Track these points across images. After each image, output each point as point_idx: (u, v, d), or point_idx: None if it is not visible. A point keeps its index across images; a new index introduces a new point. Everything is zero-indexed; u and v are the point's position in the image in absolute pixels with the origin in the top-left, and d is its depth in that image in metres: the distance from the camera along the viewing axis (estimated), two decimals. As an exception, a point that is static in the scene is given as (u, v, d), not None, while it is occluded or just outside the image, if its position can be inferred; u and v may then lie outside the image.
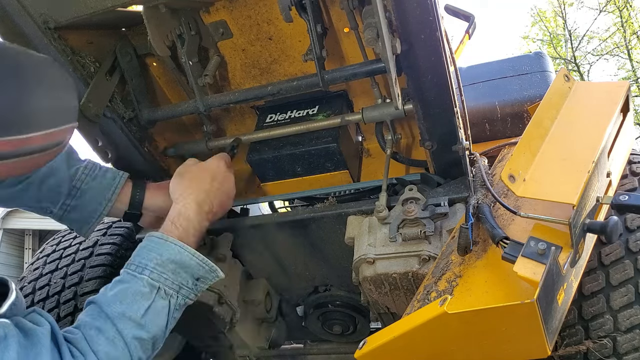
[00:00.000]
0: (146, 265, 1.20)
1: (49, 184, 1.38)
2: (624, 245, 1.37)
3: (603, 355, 1.26)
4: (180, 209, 1.32)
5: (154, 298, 1.17)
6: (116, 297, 1.14)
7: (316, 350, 2.10)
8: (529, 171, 1.20)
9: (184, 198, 1.35)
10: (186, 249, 1.25)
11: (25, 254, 10.44)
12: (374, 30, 1.20)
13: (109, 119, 1.50)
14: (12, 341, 0.88)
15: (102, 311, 1.12)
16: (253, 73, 1.65)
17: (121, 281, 1.18)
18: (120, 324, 1.10)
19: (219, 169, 1.45)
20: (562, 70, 1.52)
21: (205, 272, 1.27)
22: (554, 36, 17.66)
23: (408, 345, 1.15)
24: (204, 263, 1.27)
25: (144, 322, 1.13)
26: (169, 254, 1.22)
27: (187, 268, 1.24)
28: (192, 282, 1.25)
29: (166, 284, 1.20)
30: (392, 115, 1.50)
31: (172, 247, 1.23)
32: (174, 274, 1.22)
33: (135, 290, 1.16)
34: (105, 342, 1.07)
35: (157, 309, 1.17)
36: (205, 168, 1.44)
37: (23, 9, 1.27)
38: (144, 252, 1.23)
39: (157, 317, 1.17)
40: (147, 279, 1.18)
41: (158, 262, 1.20)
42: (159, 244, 1.24)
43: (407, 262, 1.35)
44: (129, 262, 1.23)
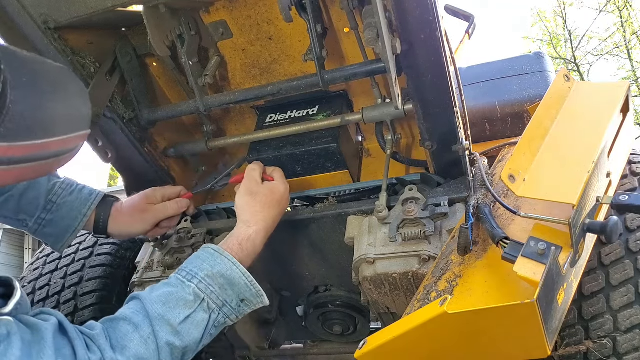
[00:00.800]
0: (196, 274, 1.20)
1: (28, 196, 1.40)
2: (624, 245, 1.37)
3: (603, 355, 1.26)
4: (251, 234, 1.33)
5: (196, 308, 1.16)
6: (160, 299, 1.14)
7: (316, 350, 2.11)
8: (529, 171, 1.20)
9: (256, 223, 1.35)
10: (238, 267, 1.24)
11: (25, 254, 10.44)
12: (374, 30, 1.20)
13: (109, 119, 1.50)
14: (15, 338, 0.88)
15: (144, 308, 1.12)
16: (253, 73, 1.65)
17: (168, 284, 1.18)
18: (157, 325, 1.10)
19: (285, 193, 1.46)
20: (562, 70, 1.52)
21: (251, 295, 1.26)
22: (554, 36, 17.66)
23: (408, 345, 1.15)
24: (252, 285, 1.25)
25: (180, 330, 1.12)
26: (220, 268, 1.22)
27: (234, 286, 1.23)
28: (236, 302, 1.24)
29: (211, 297, 1.19)
30: (392, 115, 1.50)
31: (225, 262, 1.23)
32: (221, 289, 1.21)
33: (180, 296, 1.15)
34: (139, 340, 1.07)
35: (196, 320, 1.16)
36: (276, 192, 1.43)
37: (23, 9, 1.27)
38: (197, 261, 1.23)
39: (195, 329, 1.16)
40: (194, 288, 1.17)
41: (208, 274, 1.20)
42: (213, 256, 1.24)
43: (407, 262, 1.35)
44: (181, 268, 1.23)
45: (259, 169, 1.47)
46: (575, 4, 16.95)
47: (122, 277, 2.01)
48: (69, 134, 0.98)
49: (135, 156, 1.61)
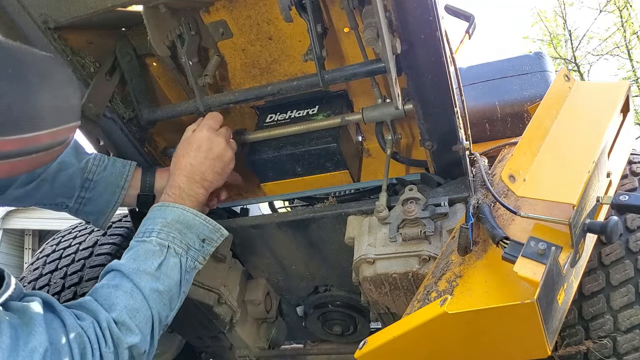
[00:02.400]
0: (152, 229, 1.24)
1: (61, 179, 1.41)
2: (624, 245, 1.37)
3: (603, 355, 1.26)
4: (171, 182, 1.37)
5: (166, 255, 1.20)
6: (128, 258, 1.18)
7: (316, 350, 2.10)
8: (529, 171, 1.20)
9: (173, 174, 1.38)
10: (188, 209, 1.28)
11: (25, 254, 10.44)
12: (374, 30, 1.20)
13: (109, 119, 1.50)
14: (3, 325, 0.88)
15: (117, 272, 1.15)
16: (253, 73, 1.65)
17: (130, 247, 1.22)
18: (136, 278, 1.14)
19: (204, 136, 1.43)
20: (562, 70, 1.51)
21: (209, 232, 1.31)
22: (554, 36, 17.66)
23: (408, 345, 1.15)
24: (207, 222, 1.30)
25: (158, 275, 1.17)
26: (172, 215, 1.26)
27: (192, 227, 1.27)
28: (198, 243, 1.28)
29: (175, 243, 1.23)
30: (392, 115, 1.50)
31: (175, 210, 1.28)
32: (181, 234, 1.25)
33: (146, 249, 1.19)
34: (123, 295, 1.10)
35: (169, 264, 1.20)
36: (189, 141, 1.43)
37: (23, 9, 1.27)
38: (147, 221, 1.27)
39: (171, 271, 1.20)
40: (155, 239, 1.22)
41: (164, 224, 1.24)
42: (161, 211, 1.28)
43: (407, 262, 1.35)
44: (136, 233, 1.26)
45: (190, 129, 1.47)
46: (575, 4, 16.97)
47: (122, 277, 2.01)
48: (59, 126, 0.97)
49: (135, 156, 1.61)
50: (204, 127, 1.45)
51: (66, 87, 1.01)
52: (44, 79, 0.95)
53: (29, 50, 0.95)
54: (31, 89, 0.91)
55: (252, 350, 1.90)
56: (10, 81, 0.87)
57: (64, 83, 1.00)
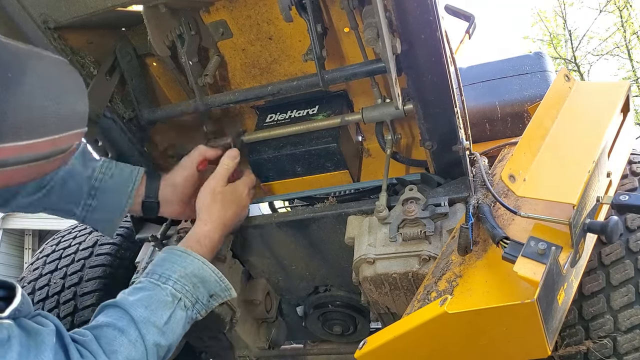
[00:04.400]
0: (170, 276, 1.23)
1: (69, 186, 1.39)
2: (624, 245, 1.37)
3: (603, 355, 1.26)
4: (208, 232, 1.38)
5: (175, 308, 1.20)
6: (141, 303, 1.16)
7: (316, 350, 2.10)
8: (529, 171, 1.20)
9: (213, 222, 1.40)
10: (208, 265, 1.30)
11: (25, 254, 10.44)
12: (374, 30, 1.20)
13: (108, 119, 1.50)
14: (14, 342, 0.88)
15: (126, 313, 1.14)
16: (253, 73, 1.65)
17: (143, 289, 1.20)
18: (143, 329, 1.13)
19: (247, 197, 1.53)
20: (562, 70, 1.52)
21: (220, 290, 1.32)
22: (554, 36, 17.66)
23: (408, 345, 1.15)
24: (221, 281, 1.32)
25: (165, 330, 1.16)
26: (192, 268, 1.27)
27: (206, 283, 1.28)
28: (206, 298, 1.29)
29: (186, 296, 1.24)
30: (392, 115, 1.50)
31: (196, 262, 1.28)
32: (194, 288, 1.26)
33: (159, 298, 1.19)
34: (127, 343, 1.09)
35: (176, 319, 1.20)
36: (236, 192, 1.49)
37: (23, 8, 1.27)
38: (166, 264, 1.26)
39: (176, 327, 1.20)
40: (170, 289, 1.21)
41: (182, 275, 1.24)
42: (182, 258, 1.28)
43: (407, 262, 1.35)
44: (149, 271, 1.25)
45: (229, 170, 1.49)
46: (576, 4, 16.96)
47: (122, 277, 2.01)
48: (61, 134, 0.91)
49: (135, 156, 1.61)
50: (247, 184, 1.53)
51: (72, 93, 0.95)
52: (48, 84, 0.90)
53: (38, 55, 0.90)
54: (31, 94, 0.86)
55: (252, 350, 1.90)
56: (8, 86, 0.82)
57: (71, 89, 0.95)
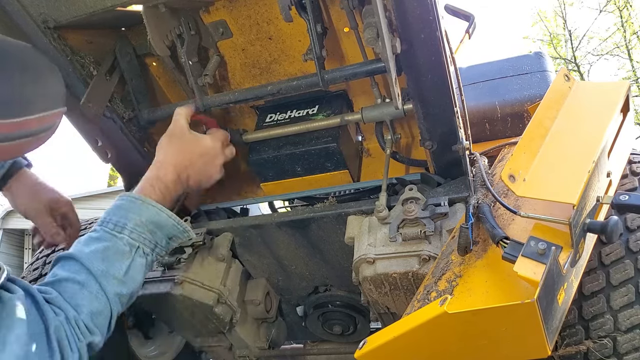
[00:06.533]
0: (125, 224, 1.23)
1: None
2: (624, 245, 1.37)
3: (603, 355, 1.26)
4: (159, 175, 1.35)
5: (133, 257, 1.21)
6: (97, 255, 1.17)
7: (316, 350, 2.10)
8: (529, 171, 1.20)
9: (166, 164, 1.36)
10: (164, 210, 1.28)
11: (25, 254, 10.45)
12: (374, 29, 1.20)
13: (108, 119, 1.50)
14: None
15: (83, 267, 1.15)
16: (253, 73, 1.65)
17: (99, 239, 1.20)
18: (104, 281, 1.14)
19: (213, 149, 1.44)
20: (562, 70, 1.51)
21: (178, 232, 1.32)
22: (554, 36, 17.66)
23: (408, 345, 1.15)
24: (179, 224, 1.31)
25: (125, 280, 1.18)
26: (148, 215, 1.26)
27: (163, 228, 1.28)
28: (165, 241, 1.30)
29: (144, 243, 1.24)
30: (391, 115, 1.50)
31: (151, 209, 1.27)
32: (152, 234, 1.26)
33: (117, 249, 1.19)
34: (88, 296, 1.11)
35: (136, 266, 1.21)
36: (198, 142, 1.43)
37: (23, 8, 1.27)
38: (121, 211, 1.25)
39: (136, 274, 1.22)
40: (127, 239, 1.21)
41: (137, 223, 1.24)
42: (137, 205, 1.27)
43: (407, 262, 1.35)
44: (104, 219, 1.25)
45: (185, 113, 1.46)
46: (576, 4, 17.00)
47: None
48: (46, 112, 1.02)
49: (134, 156, 1.61)
50: (218, 140, 1.47)
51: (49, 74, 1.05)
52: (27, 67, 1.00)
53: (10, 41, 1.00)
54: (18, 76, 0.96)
55: (252, 350, 1.90)
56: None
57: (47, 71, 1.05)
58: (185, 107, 1.48)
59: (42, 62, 1.05)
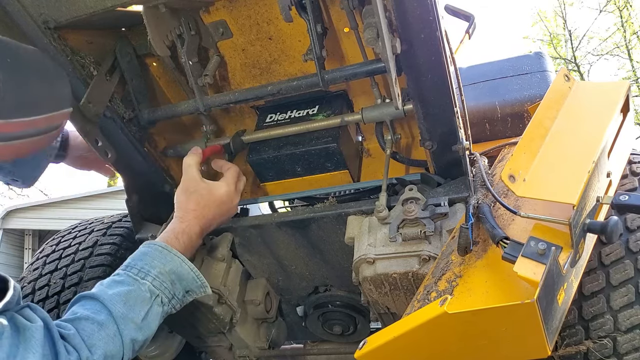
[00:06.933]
0: (149, 271, 1.25)
1: None
2: (624, 245, 1.37)
3: (603, 355, 1.26)
4: (184, 228, 1.39)
5: (152, 304, 1.23)
6: (119, 298, 1.18)
7: (316, 350, 2.10)
8: (529, 171, 1.20)
9: (189, 219, 1.41)
10: (187, 263, 1.32)
11: (25, 254, 10.45)
12: (374, 30, 1.20)
13: (108, 119, 1.50)
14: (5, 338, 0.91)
15: (105, 308, 1.15)
16: (253, 73, 1.65)
17: (122, 282, 1.22)
18: (122, 325, 1.15)
19: (228, 196, 1.50)
20: (562, 70, 1.52)
21: (196, 287, 1.34)
22: (554, 36, 17.66)
23: (408, 345, 1.15)
24: (198, 278, 1.34)
25: (142, 325, 1.19)
26: (171, 265, 1.29)
27: (183, 281, 1.31)
28: (182, 294, 1.32)
29: (164, 293, 1.26)
30: (391, 115, 1.50)
31: (175, 260, 1.30)
32: (172, 285, 1.28)
33: (138, 294, 1.21)
34: (106, 338, 1.12)
35: (153, 314, 1.23)
36: (213, 192, 1.47)
37: (23, 8, 1.27)
38: (146, 258, 1.28)
39: (152, 322, 1.23)
40: (149, 285, 1.23)
41: (160, 271, 1.26)
42: (162, 254, 1.30)
43: (407, 262, 1.35)
44: (129, 264, 1.27)
45: (195, 163, 1.49)
46: (576, 4, 17.01)
47: (122, 277, 2.00)
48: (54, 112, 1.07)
49: (135, 156, 1.61)
50: (231, 184, 1.51)
51: (56, 77, 1.10)
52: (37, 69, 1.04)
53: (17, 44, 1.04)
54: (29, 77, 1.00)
55: (252, 350, 1.90)
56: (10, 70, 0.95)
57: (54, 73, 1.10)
58: (192, 155, 1.51)
59: (49, 65, 1.10)
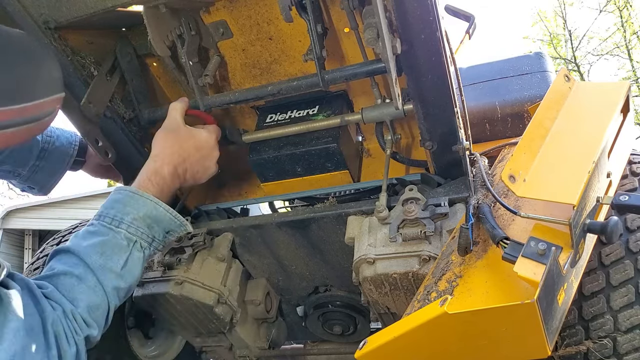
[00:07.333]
0: (122, 219, 1.23)
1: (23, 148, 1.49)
2: (624, 245, 1.37)
3: (603, 355, 1.26)
4: (157, 167, 1.35)
5: (131, 251, 1.22)
6: (95, 249, 1.18)
7: (316, 350, 2.10)
8: (529, 171, 1.20)
9: (163, 157, 1.37)
10: (161, 205, 1.29)
11: (25, 254, 10.45)
12: (374, 30, 1.20)
13: (109, 119, 1.50)
14: None
15: (81, 260, 1.16)
16: (253, 73, 1.65)
17: (96, 233, 1.21)
18: (101, 275, 1.15)
19: (207, 142, 1.46)
20: (562, 70, 1.51)
21: (175, 226, 1.33)
22: (554, 36, 17.67)
23: (408, 345, 1.15)
24: (176, 218, 1.32)
25: (122, 273, 1.19)
26: (145, 210, 1.27)
27: (160, 222, 1.29)
28: (163, 235, 1.31)
29: (142, 237, 1.25)
30: (392, 115, 1.50)
31: (149, 203, 1.28)
32: (149, 228, 1.27)
33: (114, 243, 1.20)
34: (86, 289, 1.12)
35: (134, 260, 1.22)
36: (193, 136, 1.44)
37: (23, 8, 1.27)
38: (118, 205, 1.26)
39: (134, 268, 1.23)
40: (124, 233, 1.22)
41: (135, 217, 1.25)
42: (134, 199, 1.27)
43: (407, 262, 1.35)
44: (101, 213, 1.25)
45: (180, 108, 1.47)
46: (576, 4, 17.01)
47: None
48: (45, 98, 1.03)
49: (135, 156, 1.61)
50: (213, 133, 1.49)
51: (46, 60, 1.06)
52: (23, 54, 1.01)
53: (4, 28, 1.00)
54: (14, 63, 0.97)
55: (252, 350, 1.90)
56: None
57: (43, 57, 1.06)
58: (179, 101, 1.49)
59: (37, 49, 1.06)
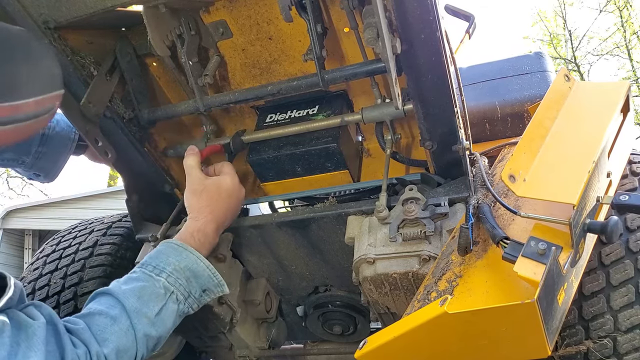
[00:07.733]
0: (164, 268, 1.25)
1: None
2: (625, 245, 1.37)
3: (603, 355, 1.26)
4: (199, 226, 1.39)
5: (167, 301, 1.22)
6: (133, 293, 1.18)
7: (316, 350, 2.10)
8: (529, 171, 1.20)
9: (204, 216, 1.41)
10: (202, 260, 1.31)
11: (25, 254, 10.45)
12: (374, 30, 1.20)
13: (109, 119, 1.50)
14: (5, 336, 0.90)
15: (118, 302, 1.16)
16: (253, 73, 1.65)
17: (137, 279, 1.22)
18: (135, 319, 1.15)
19: (234, 185, 1.51)
20: (562, 70, 1.51)
21: (213, 285, 1.34)
22: (554, 36, 17.67)
23: (408, 345, 1.15)
24: (214, 276, 1.33)
25: (155, 321, 1.18)
26: (186, 262, 1.28)
27: (199, 278, 1.30)
28: (199, 293, 1.31)
29: (179, 290, 1.25)
30: (391, 115, 1.50)
31: (190, 256, 1.30)
32: (187, 282, 1.27)
33: (152, 290, 1.21)
34: (118, 332, 1.11)
35: (168, 311, 1.22)
36: (221, 186, 1.48)
37: (23, 8, 1.27)
38: (161, 256, 1.28)
39: (167, 319, 1.22)
40: (163, 282, 1.23)
41: (175, 268, 1.26)
42: (177, 251, 1.30)
43: (407, 262, 1.35)
44: (144, 262, 1.27)
45: (195, 163, 1.50)
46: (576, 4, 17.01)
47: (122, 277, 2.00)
48: (43, 95, 1.03)
49: (135, 156, 1.61)
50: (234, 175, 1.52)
51: (45, 57, 1.06)
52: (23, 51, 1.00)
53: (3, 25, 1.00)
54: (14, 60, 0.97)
55: (252, 350, 1.90)
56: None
57: (43, 54, 1.06)
58: (191, 155, 1.51)
59: (35, 46, 1.06)
